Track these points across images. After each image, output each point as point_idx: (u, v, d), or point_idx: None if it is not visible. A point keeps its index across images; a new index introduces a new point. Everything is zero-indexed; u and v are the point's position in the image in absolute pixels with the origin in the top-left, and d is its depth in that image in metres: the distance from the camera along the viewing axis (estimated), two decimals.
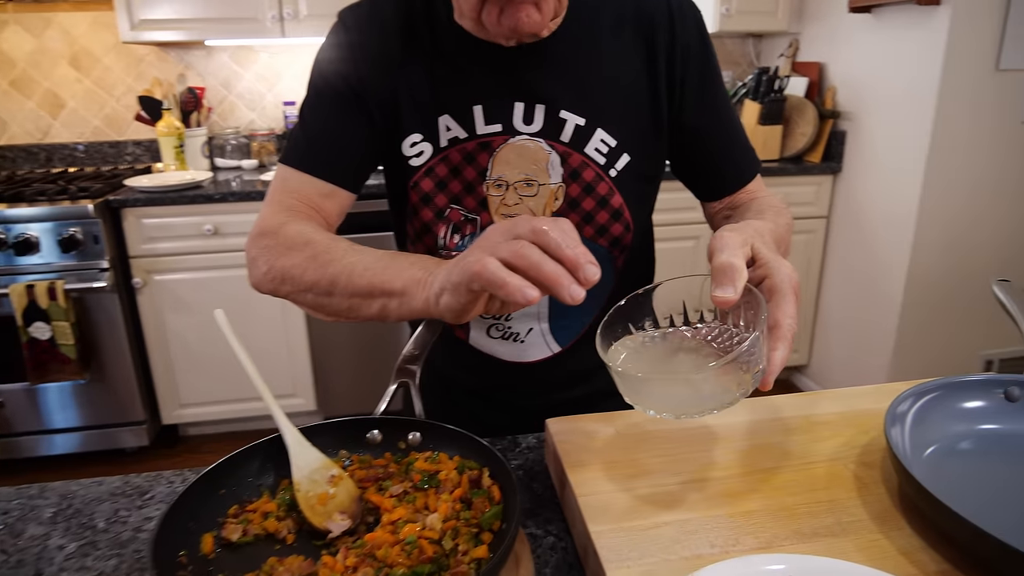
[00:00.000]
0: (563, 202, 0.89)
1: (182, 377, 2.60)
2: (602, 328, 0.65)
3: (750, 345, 0.56)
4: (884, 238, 2.61)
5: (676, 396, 0.61)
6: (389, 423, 0.75)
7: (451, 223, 0.91)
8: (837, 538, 0.58)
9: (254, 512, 0.65)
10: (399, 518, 0.63)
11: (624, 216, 0.91)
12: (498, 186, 0.89)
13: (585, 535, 0.60)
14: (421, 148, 0.89)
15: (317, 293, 0.75)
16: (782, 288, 0.62)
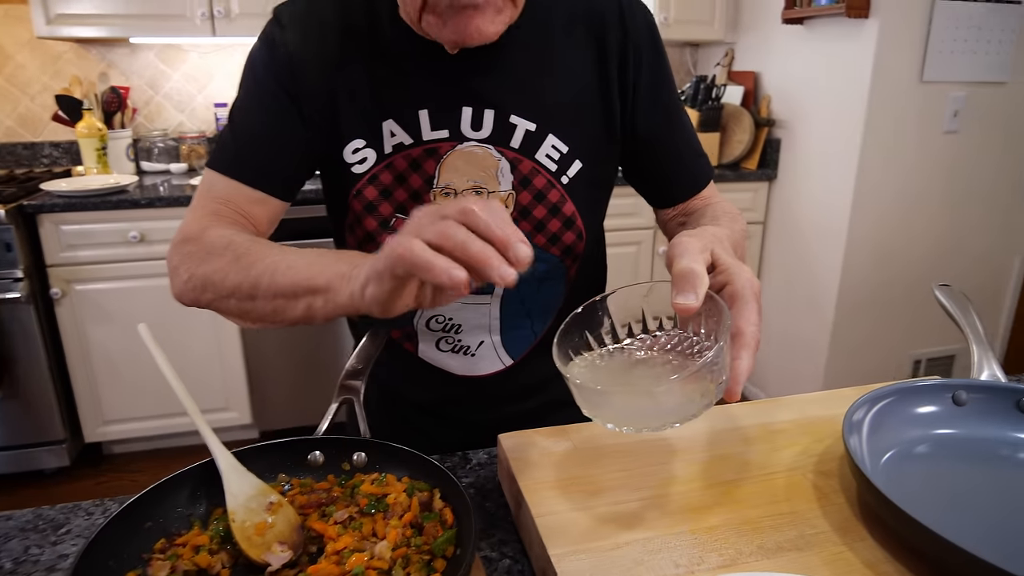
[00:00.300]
0: (513, 210, 0.86)
1: (106, 392, 2.46)
2: (559, 337, 0.62)
3: (714, 356, 0.54)
4: (818, 244, 2.68)
5: (636, 409, 0.58)
6: (331, 443, 0.70)
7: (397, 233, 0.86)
8: (802, 552, 0.57)
9: (183, 546, 0.60)
10: (345, 547, 0.59)
11: (576, 224, 0.88)
12: (445, 194, 0.85)
13: (544, 558, 0.57)
14: (364, 155, 0.84)
15: (240, 298, 0.69)
16: (743, 294, 0.60)
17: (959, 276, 2.70)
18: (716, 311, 0.59)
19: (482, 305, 0.90)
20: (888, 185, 2.52)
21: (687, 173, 0.94)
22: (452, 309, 0.90)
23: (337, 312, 0.63)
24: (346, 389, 0.75)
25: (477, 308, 0.90)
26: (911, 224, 2.60)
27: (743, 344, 0.58)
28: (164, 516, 0.62)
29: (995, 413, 0.72)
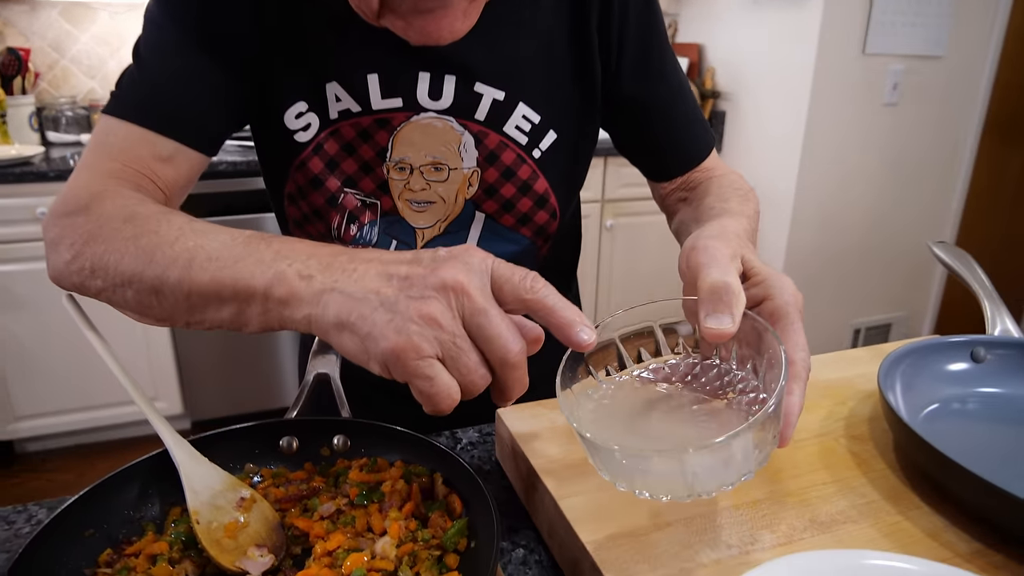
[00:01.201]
0: (478, 188, 0.76)
1: (16, 385, 2.24)
2: (561, 375, 0.49)
3: (777, 400, 0.43)
4: (764, 215, 2.69)
5: (679, 472, 0.44)
6: (306, 426, 0.60)
7: (346, 211, 0.76)
8: (858, 524, 0.51)
9: (136, 556, 0.49)
10: (337, 547, 0.49)
11: (550, 202, 0.79)
12: (400, 169, 0.74)
13: (576, 547, 0.49)
14: (307, 120, 0.72)
15: (140, 290, 0.52)
16: (788, 313, 0.51)
17: (896, 247, 2.77)
18: (753, 334, 0.49)
19: None
20: (831, 157, 2.55)
21: (684, 142, 0.83)
22: None
23: (281, 326, 0.48)
24: (320, 363, 0.65)
25: None
26: (852, 196, 2.64)
27: (793, 375, 0.48)
28: (108, 521, 0.51)
29: (1018, 369, 0.68)
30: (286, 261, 0.47)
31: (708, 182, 0.81)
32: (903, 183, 2.70)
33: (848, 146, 2.56)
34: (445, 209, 0.77)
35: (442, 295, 0.43)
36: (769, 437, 0.45)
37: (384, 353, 0.42)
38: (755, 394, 0.49)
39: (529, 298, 0.45)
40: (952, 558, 0.48)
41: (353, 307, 0.44)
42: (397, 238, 0.77)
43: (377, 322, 0.43)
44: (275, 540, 0.51)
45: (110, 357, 0.56)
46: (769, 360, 0.47)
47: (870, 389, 0.71)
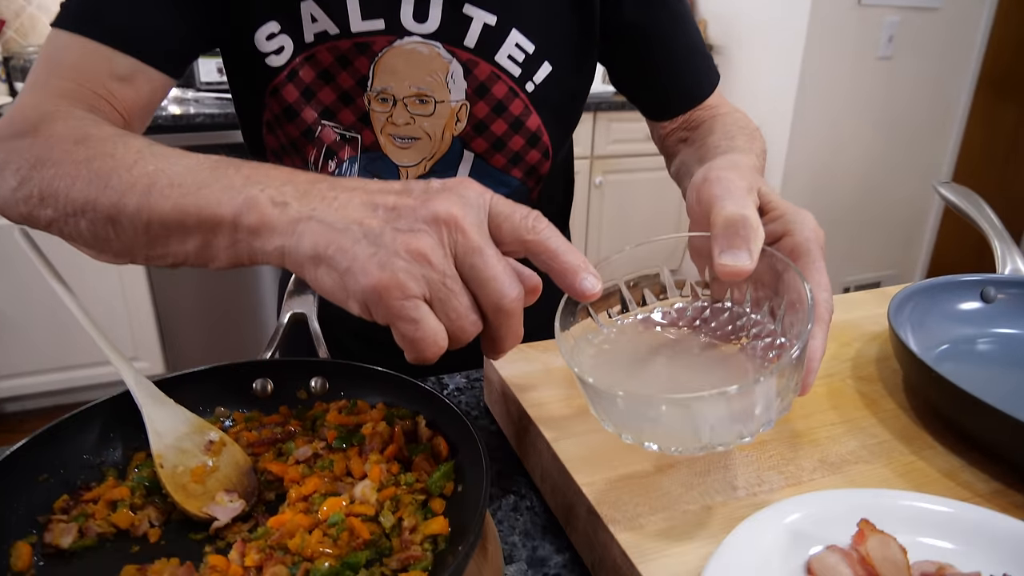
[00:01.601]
0: (467, 124, 0.71)
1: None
2: (560, 317, 0.45)
3: (802, 345, 0.38)
4: None
5: (691, 422, 0.40)
6: (281, 367, 0.56)
7: (323, 145, 0.71)
8: (870, 464, 0.48)
9: (95, 502, 0.45)
10: (314, 491, 0.46)
11: (543, 141, 0.75)
12: (383, 100, 0.69)
13: (571, 490, 0.46)
14: (280, 43, 0.66)
15: (94, 220, 0.46)
16: (810, 250, 0.46)
17: (887, 204, 2.74)
18: (772, 274, 0.45)
19: None
20: (825, 112, 2.50)
21: (687, 76, 0.78)
22: None
23: (251, 260, 0.42)
24: (296, 303, 0.61)
25: None
26: (844, 152, 2.60)
27: (817, 317, 0.44)
28: (65, 466, 0.47)
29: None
30: (258, 186, 0.42)
31: (712, 120, 0.76)
32: (896, 138, 2.67)
33: (841, 101, 2.52)
34: (431, 146, 0.72)
35: (433, 229, 0.39)
36: (792, 384, 0.41)
37: (365, 290, 0.37)
38: (771, 339, 0.45)
39: (530, 239, 0.41)
40: (971, 498, 0.45)
41: (332, 238, 0.38)
42: (379, 176, 0.72)
43: (358, 255, 0.38)
44: (246, 485, 0.47)
45: (62, 288, 0.51)
46: (790, 301, 0.43)
47: (875, 330, 0.68)
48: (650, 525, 0.41)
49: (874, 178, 2.69)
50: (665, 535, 0.41)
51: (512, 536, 0.49)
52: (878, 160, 2.67)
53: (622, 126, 2.65)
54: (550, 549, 0.48)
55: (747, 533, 0.38)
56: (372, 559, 0.42)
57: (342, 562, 0.41)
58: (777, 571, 0.37)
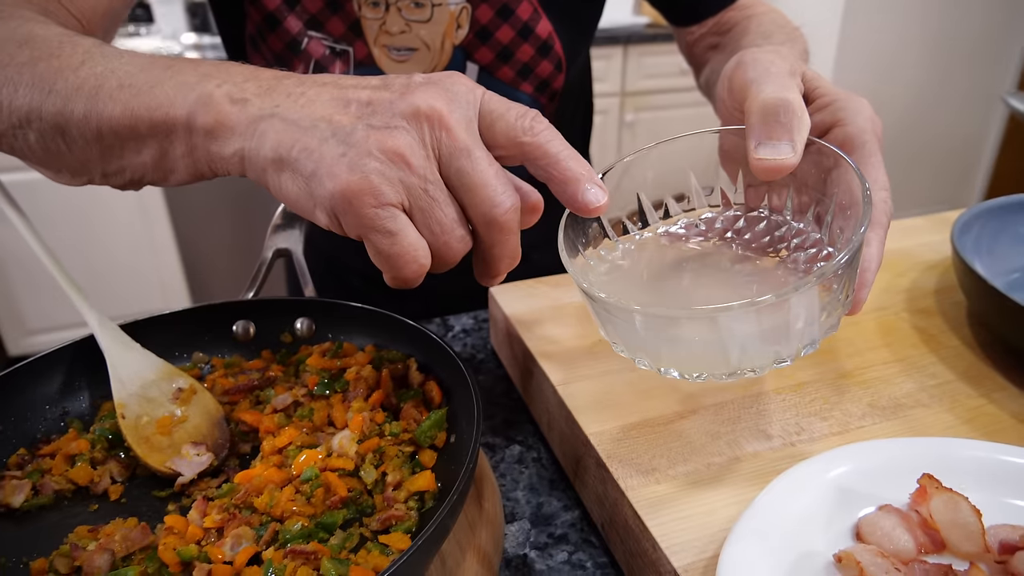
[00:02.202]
0: (468, 31, 0.64)
1: (26, 300, 2.20)
2: (564, 231, 0.38)
3: (850, 252, 0.31)
4: None
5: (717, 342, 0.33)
6: (264, 307, 0.51)
7: (311, 59, 0.64)
8: (930, 409, 0.41)
9: (53, 456, 0.41)
10: (289, 443, 0.41)
11: (554, 50, 0.67)
12: (374, 5, 0.62)
13: (579, 440, 0.40)
14: None
15: (42, 130, 0.40)
16: (865, 142, 0.39)
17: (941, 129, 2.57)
18: (818, 173, 0.37)
19: None
20: (871, 35, 2.33)
21: None
22: None
23: (211, 169, 0.37)
24: (280, 239, 0.55)
25: None
26: (893, 84, 2.43)
27: (874, 221, 0.37)
28: (23, 417, 0.43)
29: None
30: (214, 81, 0.35)
31: (746, 21, 0.68)
32: (951, 57, 2.48)
33: (890, 23, 2.34)
34: (430, 58, 0.65)
35: (413, 126, 0.32)
36: (841, 298, 0.34)
37: (332, 196, 0.31)
38: (817, 250, 0.38)
39: (527, 140, 0.34)
40: None
41: (297, 138, 0.33)
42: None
43: (325, 156, 0.32)
44: (216, 437, 0.42)
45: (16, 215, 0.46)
46: (840, 204, 0.36)
47: (933, 259, 0.60)
48: (668, 481, 0.36)
49: (926, 103, 2.52)
50: (685, 493, 0.35)
51: (515, 491, 0.44)
52: (931, 83, 2.49)
53: (655, 60, 2.51)
54: (557, 506, 0.42)
55: (783, 490, 0.32)
56: (351, 519, 0.37)
57: (316, 523, 0.36)
58: (819, 536, 0.31)
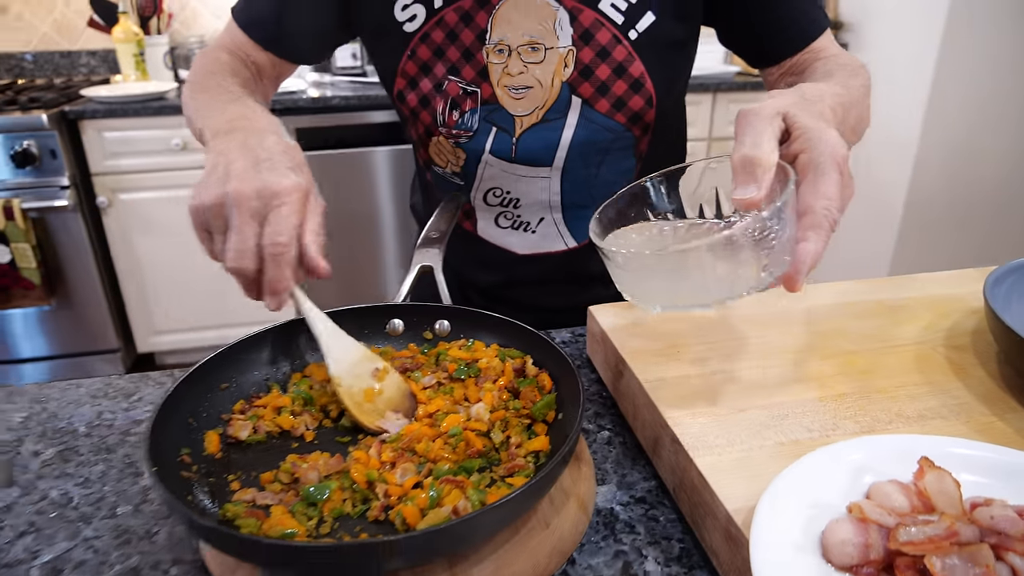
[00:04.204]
0: (574, 69, 0.77)
1: (156, 302, 2.47)
2: (602, 208, 0.52)
3: (742, 229, 0.44)
4: (884, 156, 2.53)
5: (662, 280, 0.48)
6: (412, 310, 0.65)
7: (449, 97, 0.80)
8: (947, 420, 0.51)
9: (264, 408, 0.56)
10: (437, 410, 0.54)
11: (646, 87, 0.78)
12: (499, 51, 0.77)
13: (657, 423, 0.52)
14: (414, 11, 0.77)
15: (194, 131, 0.73)
16: (820, 164, 0.48)
17: None
18: (782, 186, 0.48)
19: (540, 179, 0.83)
20: (965, 90, 2.35)
21: (794, 19, 0.77)
22: (510, 181, 0.84)
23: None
24: (424, 256, 0.70)
25: (534, 181, 0.83)
26: (987, 136, 2.43)
27: (810, 224, 0.47)
28: (241, 379, 0.58)
29: None
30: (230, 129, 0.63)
31: (817, 63, 0.76)
32: None
33: (987, 80, 2.35)
34: (543, 94, 0.78)
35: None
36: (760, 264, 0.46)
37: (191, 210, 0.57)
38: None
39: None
40: None
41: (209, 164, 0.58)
42: (497, 125, 0.81)
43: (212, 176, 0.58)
44: (407, 406, 0.56)
45: None
46: (786, 204, 0.46)
47: (977, 305, 0.68)
48: (726, 455, 0.47)
49: (1020, 161, 2.50)
50: (739, 463, 0.46)
51: (605, 464, 0.56)
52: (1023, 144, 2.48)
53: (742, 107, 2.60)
54: (638, 476, 0.54)
55: (813, 462, 0.43)
56: (483, 466, 0.50)
57: (459, 466, 0.49)
58: (837, 496, 0.41)
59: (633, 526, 0.49)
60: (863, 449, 0.44)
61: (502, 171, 0.82)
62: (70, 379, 0.70)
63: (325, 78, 2.57)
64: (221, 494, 0.48)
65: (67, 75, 2.77)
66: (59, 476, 0.56)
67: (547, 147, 0.80)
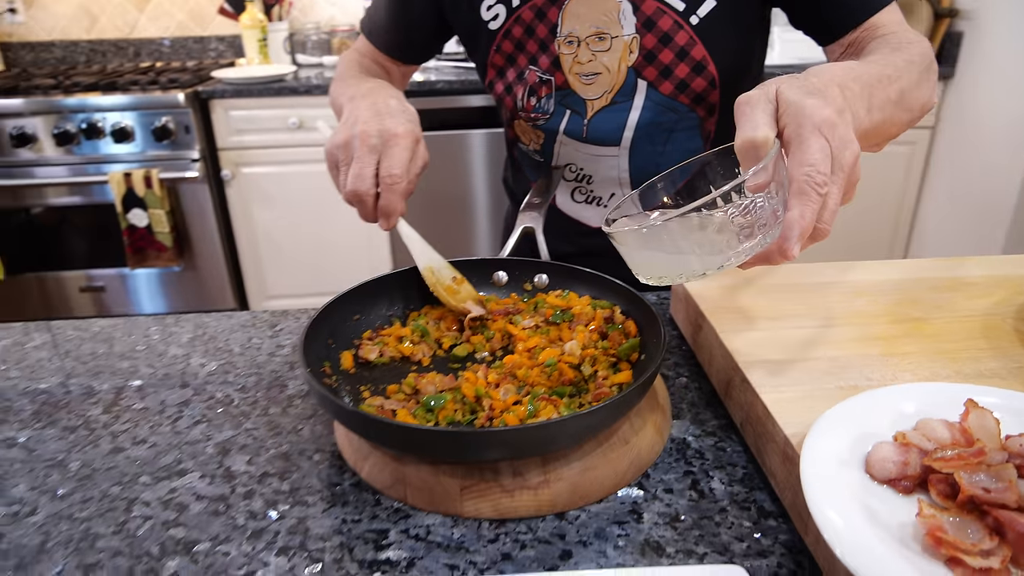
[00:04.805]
0: (638, 55, 0.83)
1: (269, 269, 2.68)
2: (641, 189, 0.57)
3: (710, 198, 0.46)
4: (999, 152, 2.43)
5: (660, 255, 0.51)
6: (516, 264, 0.74)
7: (527, 85, 0.89)
8: (1004, 380, 0.55)
9: (388, 336, 0.66)
10: (535, 345, 0.63)
11: (708, 69, 0.83)
12: (569, 43, 0.84)
13: (730, 367, 0.59)
14: (496, 11, 0.87)
15: (334, 108, 0.87)
16: (800, 133, 0.48)
17: None
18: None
19: (610, 157, 0.90)
20: None
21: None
22: (582, 159, 0.91)
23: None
24: (526, 219, 0.78)
25: (605, 159, 0.90)
26: None
27: (794, 192, 0.47)
28: (369, 312, 0.69)
29: None
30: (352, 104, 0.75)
31: (876, 41, 0.74)
32: None
33: None
34: (611, 79, 0.85)
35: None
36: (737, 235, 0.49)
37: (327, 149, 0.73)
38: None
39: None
40: None
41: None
42: (571, 108, 0.89)
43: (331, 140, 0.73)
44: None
45: None
46: (779, 181, 0.48)
47: None
48: (789, 392, 0.53)
49: None
50: (800, 400, 0.52)
51: (681, 404, 0.63)
52: None
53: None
54: (709, 415, 0.61)
55: (869, 397, 0.49)
56: (573, 393, 0.58)
57: (552, 391, 0.57)
58: (886, 426, 0.47)
59: (703, 453, 0.56)
60: (917, 392, 0.50)
61: (575, 150, 0.90)
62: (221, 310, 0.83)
63: (431, 63, 2.70)
64: (356, 399, 0.59)
65: (198, 59, 3.02)
66: (222, 383, 0.68)
67: (615, 128, 0.87)
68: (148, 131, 2.36)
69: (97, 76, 2.55)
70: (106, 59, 3.00)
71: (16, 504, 0.52)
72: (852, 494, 0.41)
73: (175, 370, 0.70)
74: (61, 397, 0.66)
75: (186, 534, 0.49)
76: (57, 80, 2.47)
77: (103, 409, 0.64)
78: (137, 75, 2.54)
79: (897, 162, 2.72)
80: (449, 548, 0.48)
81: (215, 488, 0.53)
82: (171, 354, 0.73)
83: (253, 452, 0.58)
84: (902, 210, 2.81)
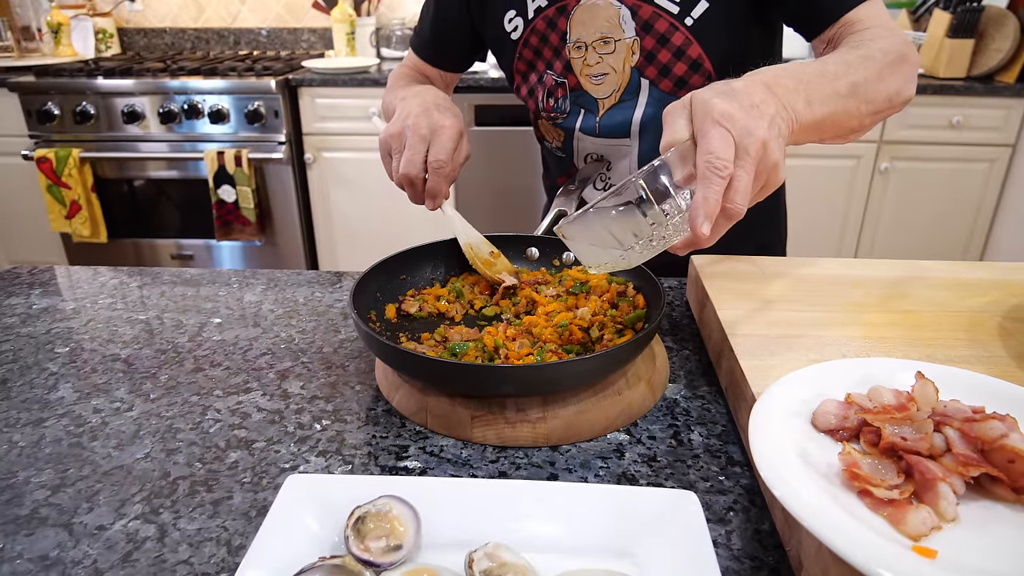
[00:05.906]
0: (640, 56, 0.90)
1: (341, 248, 2.85)
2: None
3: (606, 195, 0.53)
4: None
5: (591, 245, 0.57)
6: (546, 242, 0.83)
7: (546, 87, 0.98)
8: (971, 366, 0.60)
9: (428, 295, 0.76)
10: (552, 309, 0.71)
11: (704, 67, 0.88)
12: (578, 48, 0.92)
13: (721, 339, 0.66)
14: (516, 23, 0.95)
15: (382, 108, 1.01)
16: (702, 129, 0.53)
17: None
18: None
19: (622, 146, 0.96)
20: None
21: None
22: (599, 145, 0.98)
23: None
24: (560, 202, 0.87)
25: (618, 148, 0.97)
26: None
27: (699, 177, 0.51)
28: (412, 274, 0.79)
29: None
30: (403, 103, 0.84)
31: (849, 38, 0.76)
32: None
33: None
34: (617, 79, 0.92)
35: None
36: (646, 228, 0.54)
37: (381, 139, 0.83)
38: None
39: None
40: None
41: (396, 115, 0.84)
42: (584, 107, 0.97)
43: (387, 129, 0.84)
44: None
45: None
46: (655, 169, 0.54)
47: None
48: (767, 361, 0.60)
49: None
50: (775, 368, 0.59)
51: (680, 372, 0.70)
52: None
53: (919, 112, 2.52)
54: (702, 382, 0.68)
55: (831, 364, 0.55)
56: (580, 352, 0.66)
57: (561, 347, 0.66)
58: (841, 389, 0.54)
59: (689, 412, 0.64)
60: (878, 365, 0.56)
61: (592, 144, 0.98)
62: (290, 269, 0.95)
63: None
64: (394, 342, 0.69)
65: (291, 49, 3.22)
66: (286, 326, 0.79)
67: (623, 122, 0.94)
68: (241, 114, 2.55)
69: (200, 61, 2.77)
70: (209, 46, 3.23)
71: (118, 402, 0.65)
72: (792, 439, 0.48)
73: (249, 312, 0.82)
74: (156, 326, 0.79)
75: (247, 435, 0.60)
76: (165, 64, 2.70)
77: (188, 338, 0.76)
78: (235, 62, 2.75)
79: (971, 180, 2.66)
80: (457, 463, 0.57)
81: (273, 404, 0.65)
82: (247, 300, 0.86)
83: (306, 379, 0.69)
84: (975, 233, 2.75)
